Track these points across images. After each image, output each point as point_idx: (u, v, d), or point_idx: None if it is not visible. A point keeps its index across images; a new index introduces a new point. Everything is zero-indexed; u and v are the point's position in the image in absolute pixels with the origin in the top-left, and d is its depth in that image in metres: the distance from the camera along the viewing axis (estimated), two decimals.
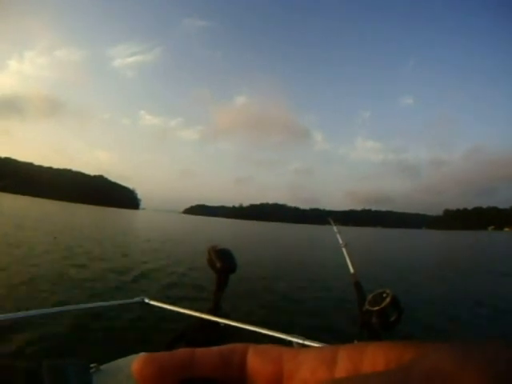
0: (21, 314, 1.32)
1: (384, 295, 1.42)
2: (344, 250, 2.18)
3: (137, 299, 1.63)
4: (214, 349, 0.17)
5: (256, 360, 0.17)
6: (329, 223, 3.04)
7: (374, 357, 0.17)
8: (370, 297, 1.48)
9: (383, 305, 1.39)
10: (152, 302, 1.62)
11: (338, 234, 2.49)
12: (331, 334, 4.21)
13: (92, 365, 1.33)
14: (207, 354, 0.17)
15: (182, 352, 0.17)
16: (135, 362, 0.17)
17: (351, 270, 1.89)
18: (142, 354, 0.17)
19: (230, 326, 1.45)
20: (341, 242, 2.31)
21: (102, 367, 1.37)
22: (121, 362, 1.45)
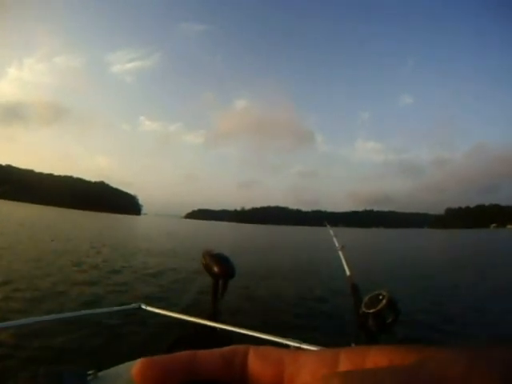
0: (17, 322, 1.32)
1: (380, 297, 1.42)
2: (340, 252, 2.19)
3: (133, 305, 1.63)
4: (216, 351, 0.17)
5: (257, 362, 0.17)
6: (326, 226, 3.05)
7: (376, 360, 0.17)
8: (366, 299, 1.48)
9: (379, 307, 1.39)
10: (149, 308, 1.62)
11: (334, 237, 2.50)
12: (328, 337, 4.17)
13: (89, 372, 1.33)
14: (208, 356, 0.17)
15: (183, 354, 0.17)
16: (135, 366, 0.17)
17: (347, 273, 1.90)
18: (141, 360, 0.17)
19: (227, 330, 1.45)
20: (337, 244, 2.32)
21: (100, 374, 1.36)
22: (118, 368, 1.45)
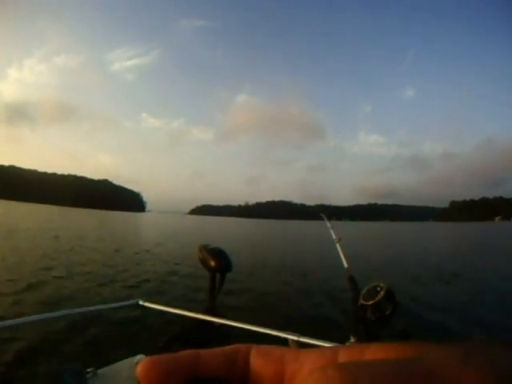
0: (17, 320, 1.32)
1: (378, 288, 1.40)
2: (338, 244, 2.16)
3: (132, 301, 1.63)
4: (218, 350, 0.17)
5: (259, 361, 0.17)
6: (322, 219, 3.02)
7: (375, 357, 0.17)
8: (364, 291, 1.46)
9: (377, 298, 1.37)
10: (147, 304, 1.62)
11: (331, 229, 2.46)
12: (327, 330, 4.14)
13: (89, 369, 1.33)
14: (211, 355, 0.17)
15: (187, 354, 0.17)
16: (140, 365, 0.17)
17: (345, 265, 1.88)
18: (141, 357, 0.17)
19: (225, 325, 1.44)
20: (334, 237, 2.29)
21: (99, 371, 1.36)
22: (118, 365, 1.45)
